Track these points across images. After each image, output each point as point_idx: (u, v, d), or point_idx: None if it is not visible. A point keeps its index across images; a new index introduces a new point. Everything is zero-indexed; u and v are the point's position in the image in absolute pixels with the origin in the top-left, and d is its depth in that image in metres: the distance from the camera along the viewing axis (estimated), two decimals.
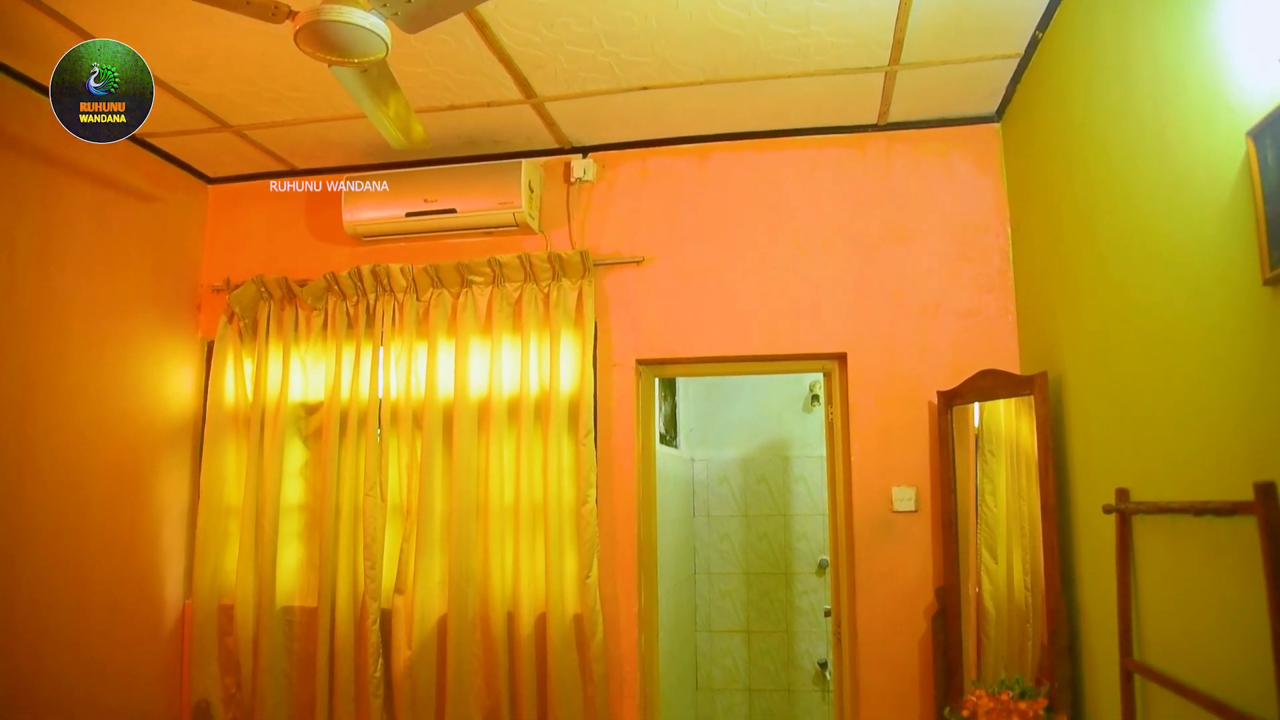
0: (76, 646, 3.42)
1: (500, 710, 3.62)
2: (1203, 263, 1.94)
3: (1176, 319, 2.09)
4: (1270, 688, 1.59)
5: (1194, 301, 2.00)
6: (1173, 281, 2.10)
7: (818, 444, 5.02)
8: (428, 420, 3.79)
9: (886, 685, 3.46)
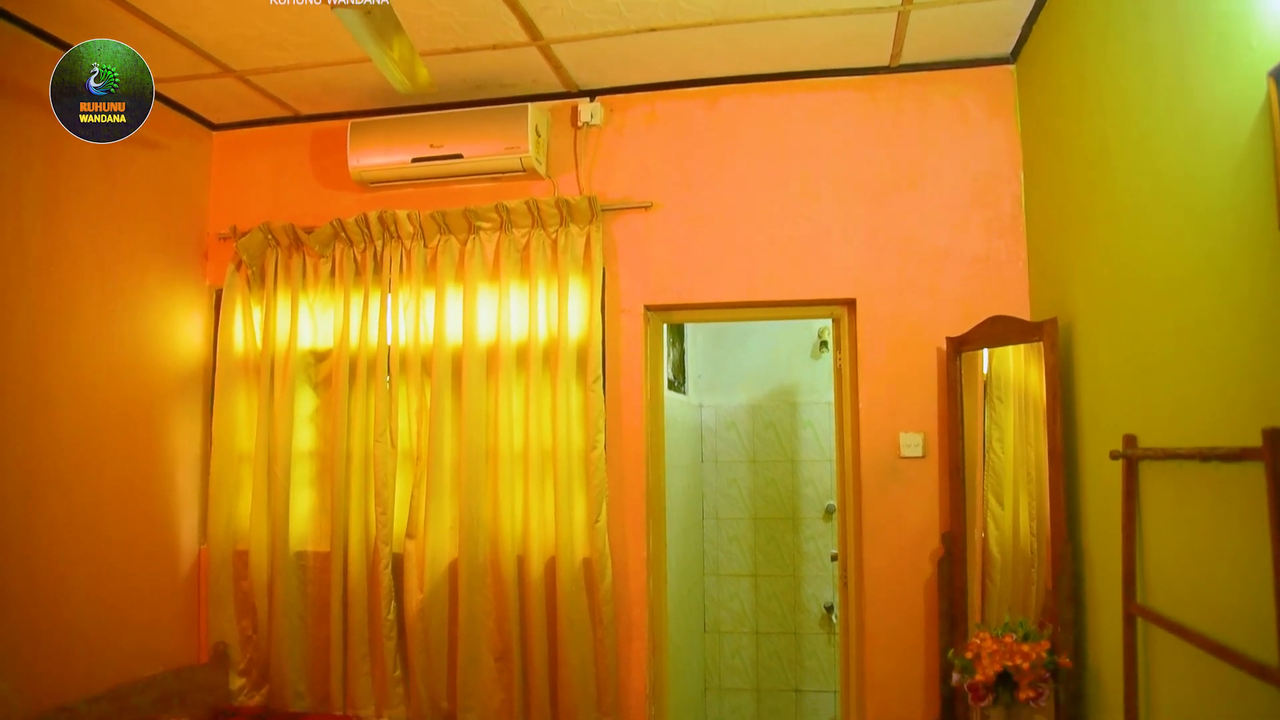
0: (97, 590, 3.48)
1: (511, 652, 3.69)
2: (1218, 207, 1.92)
3: (1189, 264, 2.07)
4: (1271, 631, 1.60)
5: (1208, 247, 1.97)
6: (1187, 226, 2.08)
7: (826, 390, 5.02)
8: (436, 367, 3.80)
9: (892, 628, 3.51)
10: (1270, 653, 1.62)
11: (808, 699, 5.08)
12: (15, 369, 3.18)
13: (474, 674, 3.70)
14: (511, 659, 3.69)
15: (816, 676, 5.08)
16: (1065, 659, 2.75)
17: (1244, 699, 1.81)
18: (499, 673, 3.71)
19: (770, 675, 5.12)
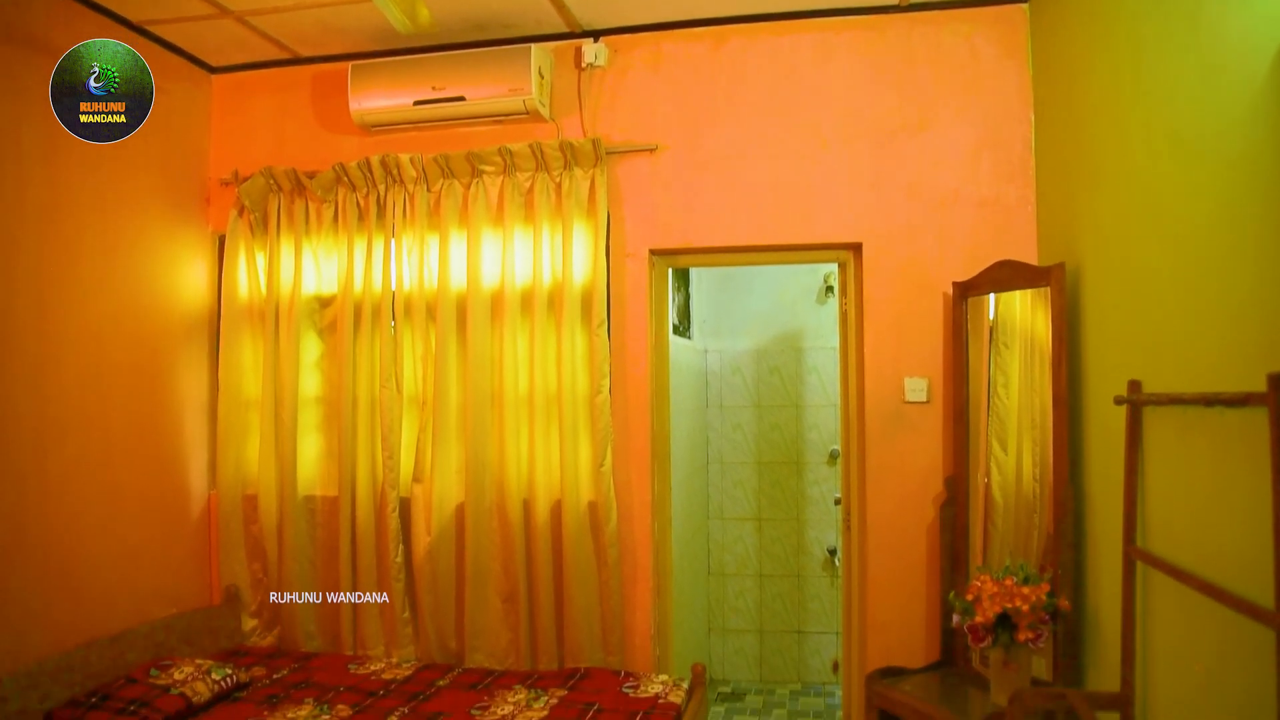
0: (110, 534, 3.53)
1: (517, 594, 3.75)
2: (1232, 151, 1.89)
3: (1200, 209, 2.05)
4: (1268, 574, 1.61)
5: (1220, 191, 1.95)
6: (1199, 171, 2.05)
7: (831, 335, 5.01)
8: (441, 312, 3.80)
9: (894, 571, 3.55)
10: (1266, 595, 1.64)
11: (810, 640, 5.16)
12: (22, 318, 3.19)
13: (481, 615, 3.76)
14: (518, 600, 3.75)
15: (819, 618, 5.16)
16: (1064, 601, 2.78)
17: (1238, 640, 1.83)
18: (506, 613, 3.77)
19: (773, 617, 5.20)
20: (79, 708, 3.07)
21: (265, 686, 3.47)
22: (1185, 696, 2.12)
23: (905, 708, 3.01)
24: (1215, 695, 1.97)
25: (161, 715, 3.06)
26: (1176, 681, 2.17)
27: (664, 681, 3.47)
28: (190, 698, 3.20)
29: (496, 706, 3.27)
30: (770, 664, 5.22)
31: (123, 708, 3.06)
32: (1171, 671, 2.19)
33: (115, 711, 3.04)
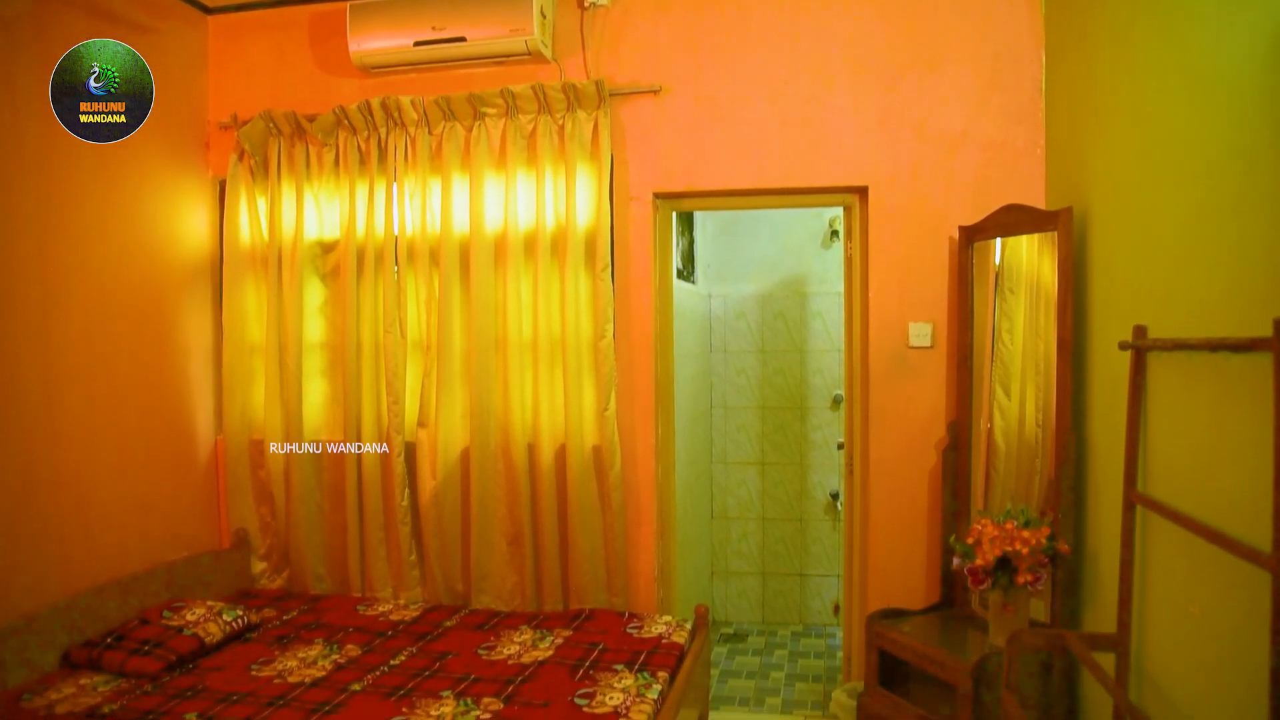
0: (119, 478, 3.57)
1: (523, 536, 3.79)
2: (1248, 94, 1.85)
3: (1212, 153, 2.02)
4: (1266, 519, 1.62)
5: (1233, 135, 1.92)
6: (1213, 113, 2.02)
7: (836, 280, 4.99)
8: (444, 256, 3.78)
9: (895, 515, 3.58)
10: (1263, 539, 1.65)
11: (812, 583, 5.23)
12: (24, 265, 3.18)
13: (487, 557, 3.81)
14: (523, 543, 3.79)
15: (821, 561, 5.22)
16: (1064, 545, 2.81)
17: (1234, 583, 1.85)
18: (511, 556, 3.82)
19: (776, 560, 5.26)
20: (95, 648, 3.13)
21: (276, 627, 3.53)
22: (1179, 638, 2.15)
23: (905, 648, 3.06)
24: (1209, 636, 1.99)
25: (175, 655, 3.13)
26: (1171, 623, 2.20)
27: (668, 622, 3.52)
28: (203, 638, 3.26)
29: (503, 646, 3.33)
30: (772, 606, 5.30)
31: (137, 648, 3.12)
32: (1167, 614, 2.22)
33: (130, 651, 3.10)
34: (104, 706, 2.80)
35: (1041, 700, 2.90)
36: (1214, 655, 1.98)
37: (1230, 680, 1.89)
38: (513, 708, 2.80)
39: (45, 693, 2.90)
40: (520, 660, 3.20)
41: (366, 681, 3.01)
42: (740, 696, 4.13)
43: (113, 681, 3.01)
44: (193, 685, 2.97)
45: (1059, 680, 2.92)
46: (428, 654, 3.26)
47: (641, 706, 2.78)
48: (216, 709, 2.77)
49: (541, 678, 3.03)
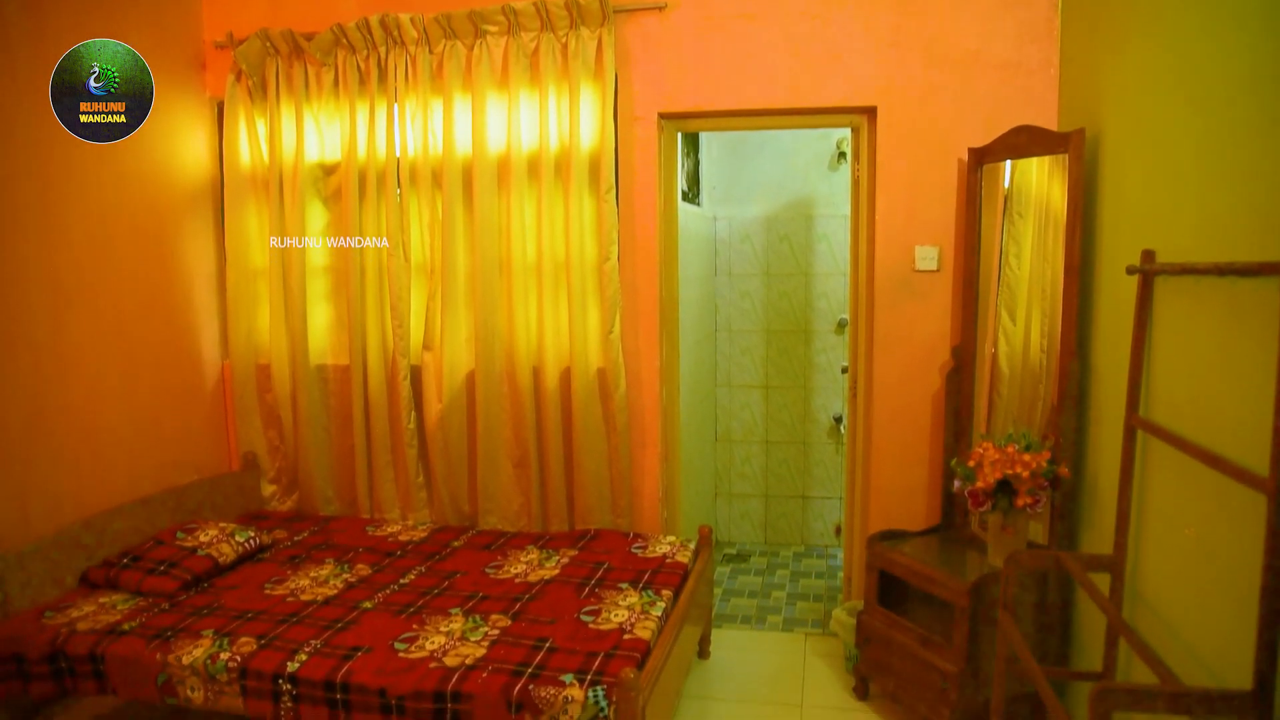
0: (129, 403, 3.60)
1: (528, 458, 3.83)
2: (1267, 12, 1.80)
3: (1229, 74, 1.97)
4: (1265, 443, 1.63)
5: (1251, 57, 1.87)
6: (1231, 32, 1.97)
7: (842, 203, 4.93)
8: (447, 178, 3.74)
9: (898, 438, 3.61)
10: (1262, 462, 1.66)
11: (814, 504, 5.29)
12: (25, 190, 3.15)
13: (493, 479, 3.86)
14: (529, 465, 3.84)
15: (823, 484, 5.28)
16: (1064, 469, 2.84)
17: (1230, 507, 1.87)
18: (517, 478, 3.87)
19: (779, 482, 5.32)
20: (112, 568, 3.20)
21: (287, 548, 3.61)
22: (1174, 559, 2.19)
23: (904, 568, 3.11)
24: (1203, 558, 2.02)
25: (190, 574, 3.20)
26: (1166, 546, 2.23)
27: (671, 542, 3.59)
28: (217, 558, 3.33)
29: (510, 565, 3.40)
30: (775, 527, 5.38)
31: (153, 568, 3.19)
32: (1163, 536, 2.25)
33: (146, 571, 3.17)
34: (124, 624, 2.88)
35: (1037, 620, 2.97)
36: (1207, 576, 2.01)
37: (1221, 600, 1.93)
38: (520, 624, 2.87)
39: (66, 610, 2.98)
40: (527, 579, 3.26)
41: (377, 599, 3.09)
42: (742, 615, 4.23)
43: (131, 600, 3.09)
44: (208, 603, 3.04)
45: (1055, 601, 2.98)
46: (436, 573, 3.33)
47: (646, 623, 2.84)
48: (232, 625, 2.85)
49: (548, 595, 3.10)
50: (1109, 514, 2.58)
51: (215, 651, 2.69)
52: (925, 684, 2.96)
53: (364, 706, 2.54)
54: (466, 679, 2.51)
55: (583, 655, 2.62)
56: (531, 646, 2.69)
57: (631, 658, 2.61)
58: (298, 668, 2.61)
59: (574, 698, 2.42)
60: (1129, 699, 1.73)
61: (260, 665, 2.63)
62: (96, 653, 2.74)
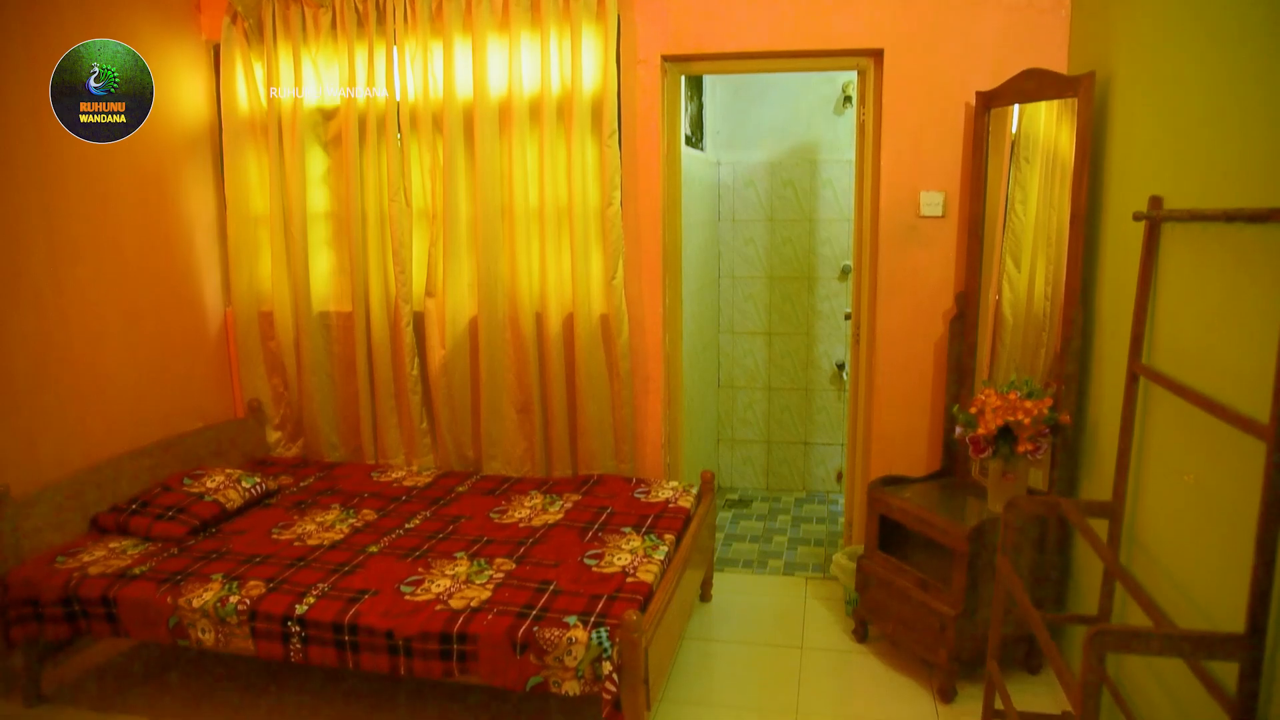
0: (132, 351, 3.61)
1: (531, 404, 3.85)
2: None
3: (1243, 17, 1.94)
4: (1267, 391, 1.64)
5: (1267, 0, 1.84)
6: None
7: (847, 148, 4.87)
8: (448, 123, 3.70)
9: (900, 384, 3.61)
10: (1262, 410, 1.67)
11: (816, 451, 5.33)
12: (21, 139, 3.12)
13: (497, 425, 3.88)
14: (532, 411, 3.86)
15: (825, 430, 5.30)
16: (1065, 416, 2.85)
17: (1229, 454, 1.88)
18: (521, 424, 3.89)
19: (781, 428, 5.35)
20: (121, 513, 3.24)
21: (293, 494, 3.64)
22: (1172, 506, 2.20)
23: (904, 513, 3.14)
24: (1201, 504, 2.04)
25: (199, 520, 3.23)
26: (1165, 493, 2.25)
27: (674, 488, 3.62)
28: (224, 504, 3.37)
29: (514, 510, 3.44)
30: (777, 473, 5.42)
31: (161, 513, 3.22)
32: (1161, 483, 2.27)
33: (155, 517, 3.21)
34: (134, 568, 2.92)
35: (1035, 565, 3.00)
36: (1204, 523, 2.03)
37: (1217, 546, 1.95)
38: (524, 567, 2.91)
39: (77, 555, 3.02)
40: (531, 523, 3.30)
41: (383, 544, 3.13)
42: (744, 559, 4.28)
43: (141, 545, 3.13)
44: (217, 548, 3.09)
45: (1053, 547, 3.02)
46: (441, 518, 3.37)
47: (648, 567, 2.88)
48: (241, 570, 2.89)
49: (552, 540, 3.14)
50: (1109, 461, 2.60)
51: (225, 595, 2.73)
52: (923, 627, 3.01)
53: (372, 648, 2.59)
54: (472, 621, 2.55)
55: (586, 598, 2.66)
56: (536, 589, 2.73)
57: (634, 600, 2.65)
58: (306, 610, 2.65)
59: (578, 639, 2.46)
60: (1123, 641, 1.76)
61: (269, 608, 2.68)
62: (109, 596, 2.78)
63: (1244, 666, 1.69)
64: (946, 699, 2.98)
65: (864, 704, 3.01)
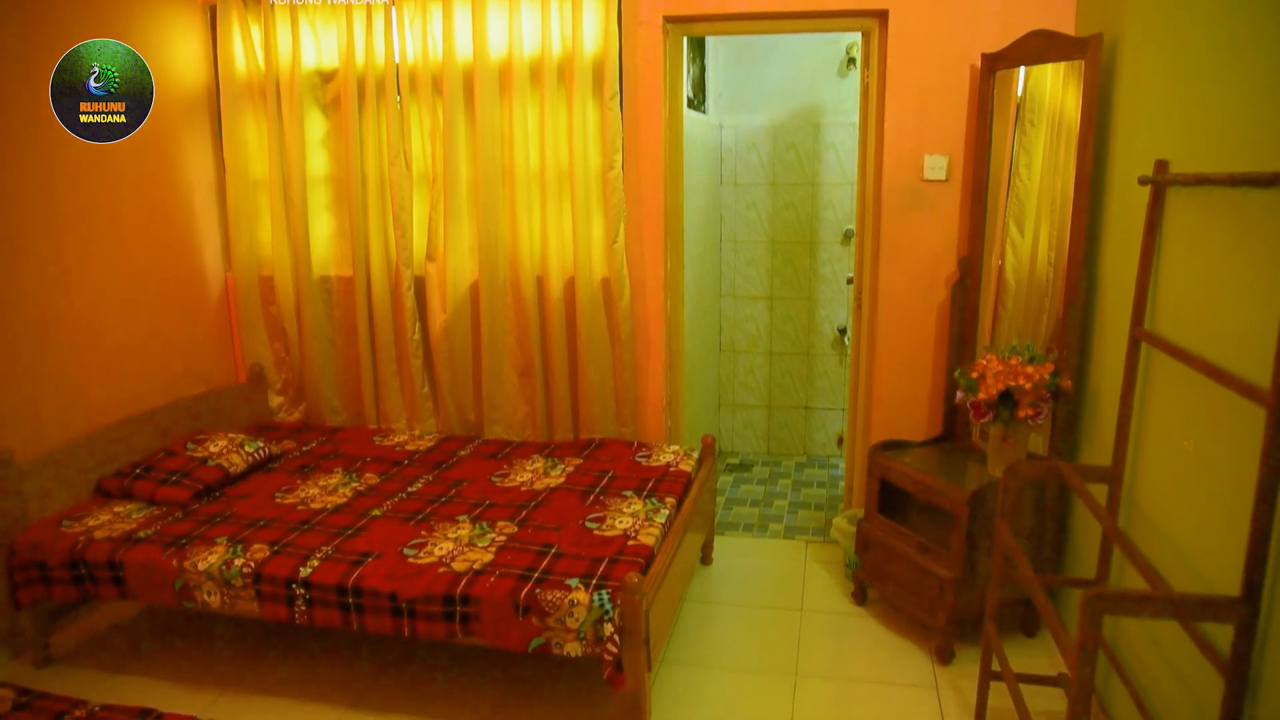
0: (133, 316, 3.60)
1: (533, 368, 3.85)
2: None
3: None
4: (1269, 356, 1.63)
5: None
6: None
7: (851, 110, 4.83)
8: (448, 84, 3.67)
9: (902, 349, 3.61)
10: (1263, 375, 1.67)
11: (816, 415, 5.34)
12: (17, 103, 3.09)
13: (498, 389, 3.89)
14: (533, 374, 3.86)
15: (826, 395, 5.31)
16: (1066, 381, 2.85)
17: (1229, 420, 1.88)
18: (522, 387, 3.90)
19: (782, 393, 5.35)
20: (125, 477, 3.26)
21: (296, 458, 3.66)
22: (1171, 471, 2.21)
23: (905, 477, 3.16)
24: (1200, 470, 2.05)
25: (202, 484, 3.25)
26: (1164, 458, 2.25)
27: (675, 451, 3.63)
28: (227, 468, 3.38)
29: (516, 474, 3.46)
30: (777, 438, 5.43)
31: (165, 478, 3.24)
32: (1162, 448, 2.27)
33: (159, 481, 3.23)
34: (139, 531, 2.94)
35: (1034, 529, 3.02)
36: (1203, 488, 2.04)
37: (1216, 511, 1.96)
38: (526, 531, 2.93)
39: (83, 519, 3.04)
40: (533, 487, 3.32)
41: (386, 507, 3.14)
42: (744, 523, 4.31)
43: (145, 509, 3.15)
44: (221, 512, 3.11)
45: (1051, 511, 3.03)
46: (444, 481, 3.39)
47: (649, 530, 2.90)
48: (245, 533, 2.91)
49: (553, 503, 3.15)
50: (1109, 427, 2.60)
51: (230, 558, 2.76)
52: (922, 589, 3.04)
53: (376, 609, 2.61)
54: (475, 583, 2.57)
55: (588, 560, 2.68)
56: (538, 552, 2.76)
57: (635, 563, 2.67)
58: (310, 573, 2.68)
59: (579, 601, 2.48)
60: (1119, 604, 1.77)
61: (274, 571, 2.70)
62: (115, 559, 2.81)
63: (1238, 629, 1.70)
64: (944, 660, 3.01)
65: (862, 665, 3.05)
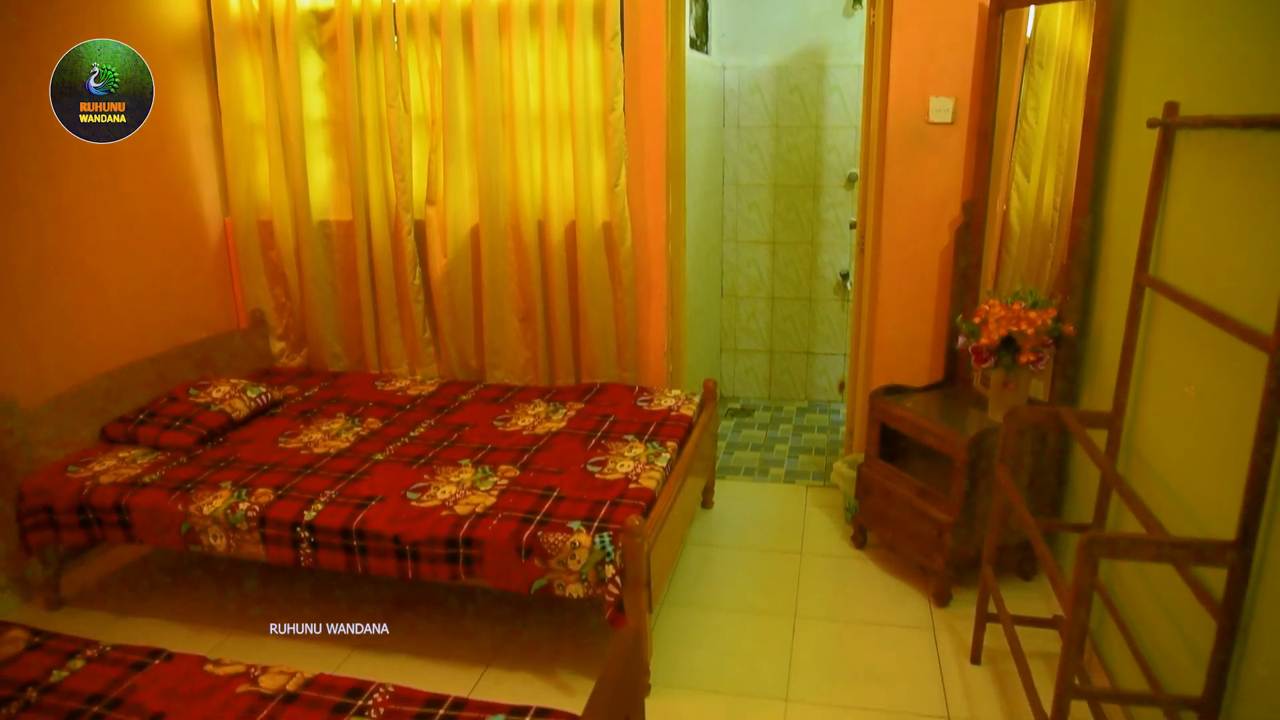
0: (131, 262, 3.59)
1: (534, 312, 3.85)
2: None
3: None
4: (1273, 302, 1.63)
5: None
6: None
7: (856, 52, 4.74)
8: (446, 24, 3.60)
9: (904, 294, 3.60)
10: (1267, 321, 1.66)
11: (818, 360, 5.34)
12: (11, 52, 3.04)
13: (499, 334, 3.89)
14: (535, 319, 3.86)
15: (828, 340, 5.30)
16: (1069, 326, 2.84)
17: (1231, 366, 1.88)
18: (523, 332, 3.90)
19: (784, 338, 5.35)
20: (129, 423, 3.27)
21: (299, 403, 3.67)
22: (1171, 417, 2.21)
23: (905, 422, 3.17)
24: (1200, 416, 2.05)
25: (206, 429, 3.27)
26: (1165, 404, 2.25)
27: (676, 396, 3.64)
28: (230, 414, 3.40)
29: (517, 418, 3.47)
30: (779, 383, 5.44)
31: (169, 423, 3.26)
32: (1162, 394, 2.27)
33: (163, 427, 3.24)
34: (145, 476, 2.97)
35: (1033, 474, 3.04)
36: (1202, 434, 2.04)
37: (1214, 456, 1.96)
38: (528, 474, 2.95)
39: (88, 464, 3.06)
40: (534, 431, 3.33)
41: (389, 451, 3.16)
42: (745, 467, 4.34)
43: (150, 454, 3.17)
44: (225, 457, 3.13)
45: (1051, 457, 3.05)
46: (446, 426, 3.40)
47: (651, 473, 2.92)
48: (249, 477, 2.93)
49: (555, 447, 3.17)
50: (1111, 373, 2.60)
51: (235, 502, 2.78)
52: (921, 534, 3.07)
53: (379, 552, 2.64)
54: (478, 526, 2.60)
55: (589, 504, 2.71)
56: (540, 495, 2.78)
57: (637, 506, 2.69)
58: (314, 516, 2.70)
59: (581, 543, 2.51)
60: (1116, 547, 1.79)
61: (279, 514, 2.73)
62: (121, 504, 2.84)
63: (1232, 573, 1.72)
64: (941, 603, 3.05)
65: (861, 607, 3.09)
